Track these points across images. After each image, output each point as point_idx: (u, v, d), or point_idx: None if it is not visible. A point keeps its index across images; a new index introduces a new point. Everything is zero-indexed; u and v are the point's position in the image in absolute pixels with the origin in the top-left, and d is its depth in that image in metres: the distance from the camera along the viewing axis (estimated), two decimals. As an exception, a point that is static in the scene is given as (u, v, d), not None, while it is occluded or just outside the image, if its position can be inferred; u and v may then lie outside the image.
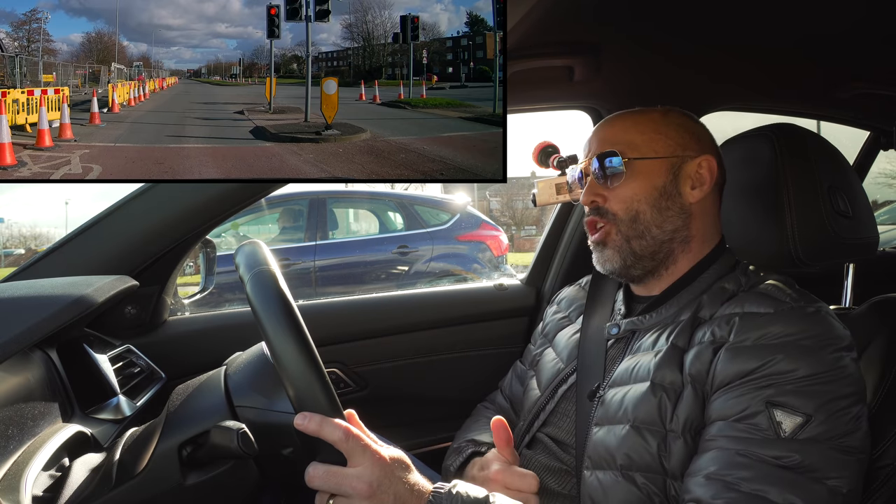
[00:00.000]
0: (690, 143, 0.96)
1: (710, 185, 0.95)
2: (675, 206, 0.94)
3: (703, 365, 0.82)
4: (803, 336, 0.78)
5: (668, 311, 0.93)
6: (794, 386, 0.75)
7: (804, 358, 0.76)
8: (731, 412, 0.77)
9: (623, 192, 0.95)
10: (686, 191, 0.94)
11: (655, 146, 0.95)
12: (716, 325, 0.84)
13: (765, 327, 0.80)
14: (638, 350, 0.93)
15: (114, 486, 0.71)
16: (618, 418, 0.87)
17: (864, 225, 0.98)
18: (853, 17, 1.20)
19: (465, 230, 5.57)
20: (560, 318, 1.17)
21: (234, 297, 3.07)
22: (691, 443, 0.80)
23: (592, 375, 0.97)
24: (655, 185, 0.94)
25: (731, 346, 0.80)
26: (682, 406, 0.81)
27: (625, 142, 0.95)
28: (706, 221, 0.96)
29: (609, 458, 0.85)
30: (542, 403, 1.04)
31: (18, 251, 15.96)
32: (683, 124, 0.98)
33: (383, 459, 0.70)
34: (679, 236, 0.95)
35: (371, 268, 5.40)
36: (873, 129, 1.97)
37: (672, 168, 0.94)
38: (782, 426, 0.74)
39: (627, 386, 0.89)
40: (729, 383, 0.79)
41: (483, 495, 0.72)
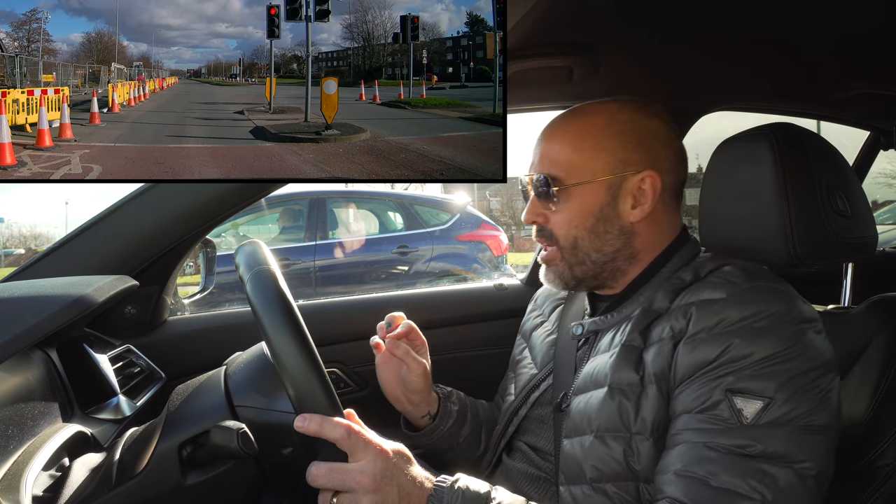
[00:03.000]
0: (632, 157, 0.90)
1: (652, 202, 0.90)
2: (614, 229, 0.91)
3: (665, 361, 0.79)
4: (759, 317, 0.76)
5: (627, 310, 0.91)
6: (753, 370, 0.74)
7: (760, 340, 0.75)
8: (693, 404, 0.75)
9: (561, 217, 0.92)
10: (626, 210, 0.90)
11: (594, 166, 0.90)
12: (673, 318, 0.82)
13: (720, 313, 0.77)
14: (598, 352, 0.91)
15: (114, 486, 0.71)
16: (582, 429, 0.85)
17: (863, 224, 0.98)
18: (853, 17, 1.20)
19: (465, 230, 5.57)
20: (536, 316, 1.15)
21: (234, 297, 3.07)
22: (660, 442, 0.78)
23: (564, 382, 0.95)
24: (592, 210, 0.90)
25: (689, 338, 0.78)
26: (646, 407, 0.79)
27: (563, 163, 0.91)
28: (653, 232, 0.93)
29: (579, 472, 0.84)
30: (515, 409, 1.02)
31: (18, 251, 15.95)
32: (629, 131, 0.91)
33: (385, 453, 0.70)
34: (622, 255, 0.92)
35: (371, 268, 5.40)
36: (873, 129, 1.97)
37: (611, 188, 0.90)
38: (743, 413, 0.73)
39: (589, 392, 0.87)
40: (691, 376, 0.77)
41: (485, 490, 0.72)
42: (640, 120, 0.93)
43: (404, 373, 1.03)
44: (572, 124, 0.94)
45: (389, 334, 1.03)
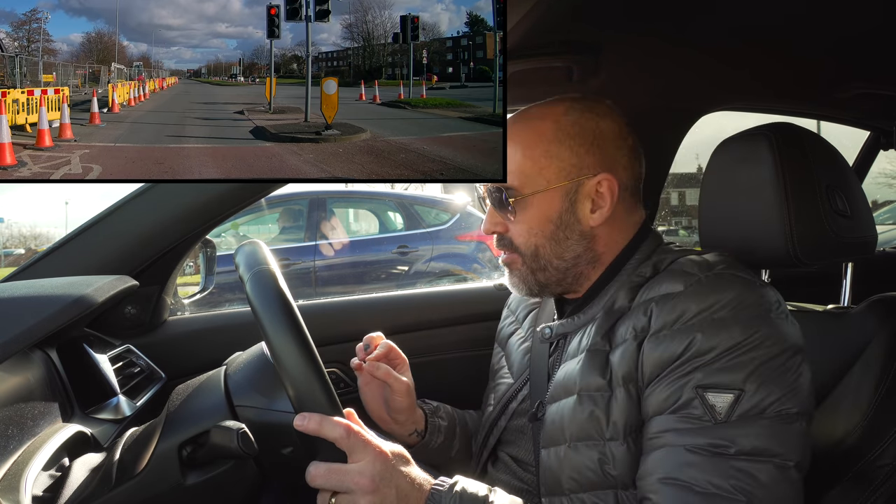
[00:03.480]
0: (587, 160, 0.88)
1: (611, 204, 0.89)
2: (574, 235, 0.89)
3: (631, 362, 0.78)
4: (717, 307, 0.75)
5: (592, 311, 0.89)
6: (719, 363, 0.73)
7: (722, 331, 0.74)
8: (666, 405, 0.75)
9: (521, 226, 0.90)
10: (585, 214, 0.89)
11: (547, 174, 0.88)
12: (634, 316, 0.80)
13: (679, 307, 0.76)
14: (567, 357, 0.89)
15: (114, 486, 0.71)
16: (557, 439, 0.84)
17: (863, 224, 0.98)
18: (853, 18, 1.20)
19: (465, 230, 5.57)
20: (510, 323, 1.14)
21: (234, 297, 3.07)
22: (634, 446, 0.77)
23: (540, 390, 0.93)
24: (550, 218, 0.89)
25: (653, 336, 0.77)
26: (616, 411, 0.78)
27: (516, 171, 0.89)
28: (614, 232, 0.92)
29: (557, 485, 0.83)
30: (494, 420, 1.01)
31: (18, 251, 15.93)
32: (579, 134, 0.89)
33: (384, 454, 0.70)
34: (584, 259, 0.91)
35: (371, 268, 5.40)
36: (873, 129, 1.97)
37: (567, 195, 0.88)
38: (716, 409, 0.72)
39: (561, 401, 0.86)
40: (658, 374, 0.76)
41: (483, 493, 0.72)
42: (590, 121, 0.90)
43: (387, 393, 1.02)
44: (521, 131, 0.91)
45: (369, 356, 1.02)
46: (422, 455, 1.05)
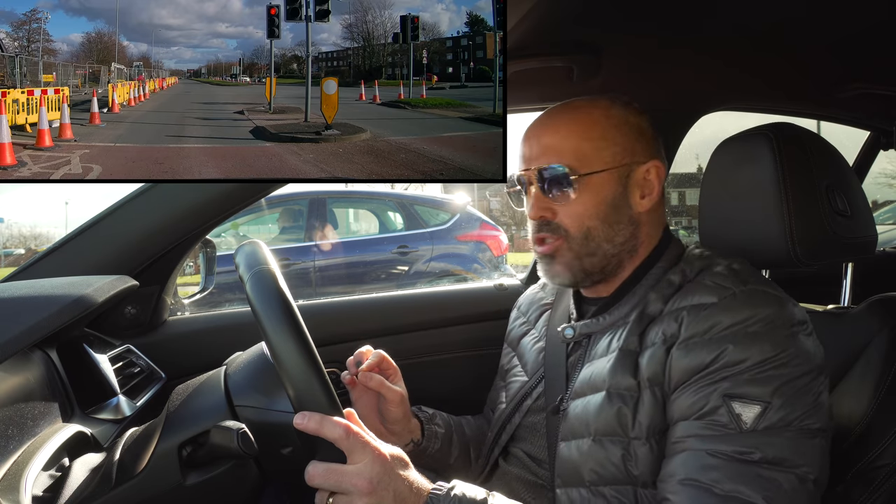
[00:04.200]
0: (637, 147, 0.91)
1: (658, 191, 0.92)
2: (625, 219, 0.91)
3: (659, 366, 0.80)
4: (751, 322, 0.77)
5: (619, 312, 0.90)
6: (749, 374, 0.74)
7: (754, 345, 0.75)
8: (691, 410, 0.76)
9: (573, 208, 0.90)
10: (636, 200, 0.91)
11: (604, 155, 0.89)
12: (665, 322, 0.82)
13: (712, 318, 0.78)
14: (594, 356, 0.90)
15: (114, 486, 0.71)
16: (580, 432, 0.85)
17: (863, 224, 0.98)
18: (853, 18, 1.20)
19: (465, 230, 5.57)
20: (522, 324, 1.14)
21: (234, 297, 3.06)
22: (657, 447, 0.79)
23: (557, 387, 0.95)
24: (605, 199, 0.90)
25: (683, 343, 0.79)
26: (642, 411, 0.80)
27: (572, 152, 0.89)
28: (653, 225, 0.94)
29: (577, 475, 0.84)
30: (508, 417, 1.02)
31: (18, 251, 15.92)
32: (629, 122, 0.92)
33: (383, 456, 0.70)
34: (627, 246, 0.92)
35: (371, 268, 5.40)
36: (873, 129, 1.97)
37: (621, 178, 0.90)
38: (742, 418, 0.73)
39: (587, 397, 0.87)
40: (685, 381, 0.77)
41: (482, 496, 0.72)
42: (633, 116, 0.94)
43: (381, 404, 1.02)
44: (572, 117, 0.93)
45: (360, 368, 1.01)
46: (420, 460, 1.05)
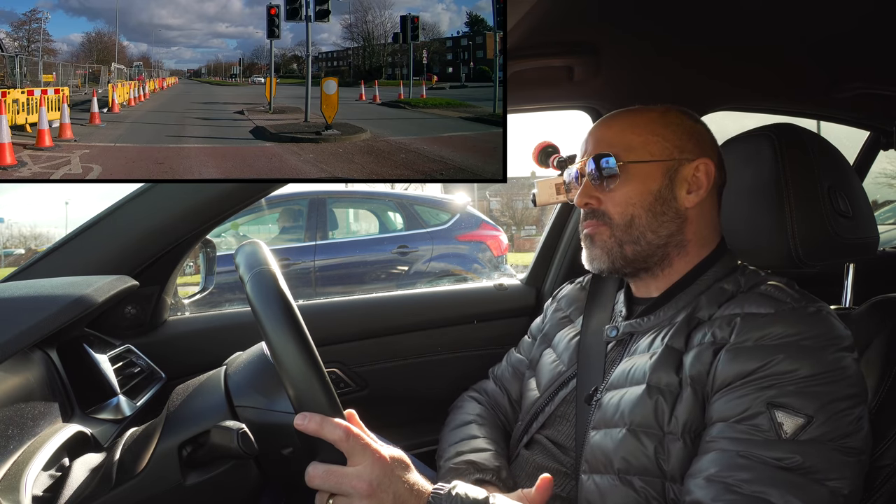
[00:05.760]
0: (687, 146, 0.95)
1: (706, 189, 0.94)
2: (671, 211, 0.93)
3: (704, 366, 0.81)
4: (804, 336, 0.78)
5: (666, 314, 0.93)
6: (796, 387, 0.75)
7: (805, 358, 0.76)
8: (731, 413, 0.77)
9: (618, 195, 0.94)
10: (682, 195, 0.94)
11: (651, 149, 0.94)
12: (716, 325, 0.84)
13: (766, 328, 0.79)
14: (635, 352, 0.92)
15: (114, 486, 0.71)
16: (615, 422, 0.87)
17: (864, 225, 0.98)
18: (854, 17, 1.20)
19: (465, 230, 5.57)
20: (560, 318, 1.16)
21: (234, 297, 3.06)
22: (691, 445, 0.80)
23: (592, 378, 0.97)
24: (651, 190, 0.93)
25: (732, 347, 0.80)
26: (681, 408, 0.81)
27: (621, 143, 0.94)
28: (703, 225, 0.95)
29: (606, 462, 0.85)
30: (541, 405, 1.04)
31: (18, 251, 15.94)
32: (682, 125, 0.96)
33: (383, 459, 0.70)
34: (674, 241, 0.94)
35: (371, 268, 5.39)
36: (873, 129, 1.97)
37: (668, 172, 0.93)
38: (783, 427, 0.74)
39: (624, 389, 0.88)
40: (730, 384, 0.78)
41: (483, 497, 0.72)
42: (688, 120, 0.98)
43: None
44: (627, 115, 0.99)
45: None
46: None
